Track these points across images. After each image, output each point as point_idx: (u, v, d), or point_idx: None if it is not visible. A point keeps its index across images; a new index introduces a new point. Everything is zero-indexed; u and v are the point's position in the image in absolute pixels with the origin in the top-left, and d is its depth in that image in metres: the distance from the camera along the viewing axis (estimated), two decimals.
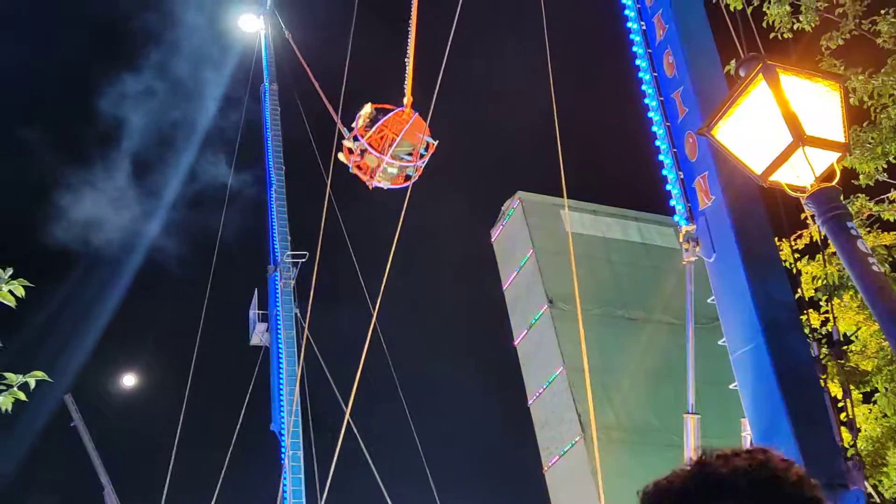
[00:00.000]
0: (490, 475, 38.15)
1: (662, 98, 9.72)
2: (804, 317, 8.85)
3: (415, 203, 16.18)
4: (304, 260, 25.30)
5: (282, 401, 24.28)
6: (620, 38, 10.77)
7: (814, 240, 11.74)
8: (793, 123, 5.19)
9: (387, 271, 15.92)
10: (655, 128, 9.77)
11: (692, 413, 8.95)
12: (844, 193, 9.44)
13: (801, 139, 5.16)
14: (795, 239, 12.06)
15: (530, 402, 26.19)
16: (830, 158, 5.28)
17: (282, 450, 23.73)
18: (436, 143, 15.85)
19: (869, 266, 4.95)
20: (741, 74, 5.65)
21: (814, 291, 12.17)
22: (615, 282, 26.77)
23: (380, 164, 15.64)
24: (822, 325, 11.76)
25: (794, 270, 11.84)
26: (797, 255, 12.08)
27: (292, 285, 25.92)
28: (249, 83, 30.22)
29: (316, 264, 21.09)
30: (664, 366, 22.61)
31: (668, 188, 9.46)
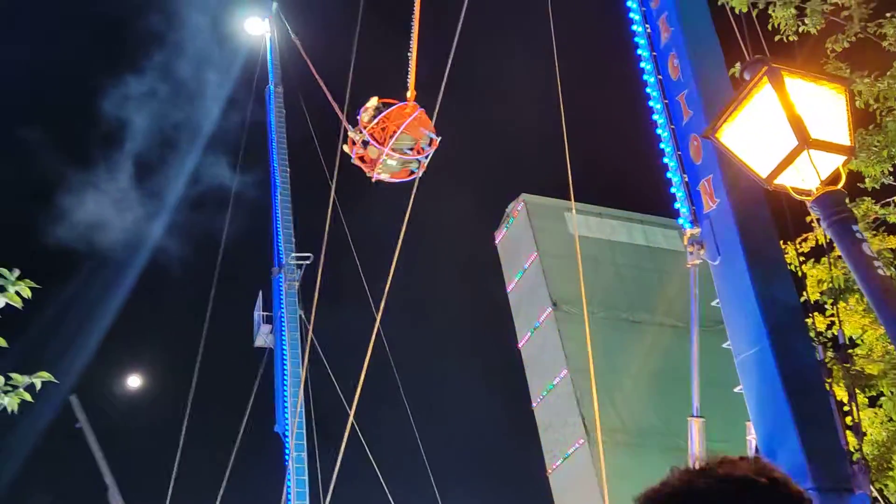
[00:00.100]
0: (493, 478, 38.11)
1: (667, 101, 9.71)
2: (809, 320, 8.83)
3: (419, 204, 16.18)
4: (309, 262, 25.35)
5: (286, 402, 24.29)
6: (625, 41, 10.78)
7: (819, 243, 11.72)
8: (798, 126, 5.18)
9: (391, 273, 15.93)
10: (660, 130, 9.76)
11: (697, 416, 8.93)
12: (850, 197, 9.42)
13: (807, 142, 5.15)
14: (801, 242, 12.04)
15: (534, 405, 26.17)
16: (836, 162, 5.27)
17: (286, 451, 23.75)
18: (439, 139, 15.83)
19: (874, 269, 4.94)
20: (746, 77, 5.64)
21: (819, 295, 12.15)
22: (619, 285, 26.74)
23: (380, 156, 15.63)
24: (828, 329, 11.74)
25: (800, 274, 11.83)
26: (802, 259, 12.07)
27: (297, 287, 25.95)
28: (255, 85, 30.33)
29: (320, 266, 21.11)
30: (668, 369, 22.58)
31: (673, 191, 9.44)
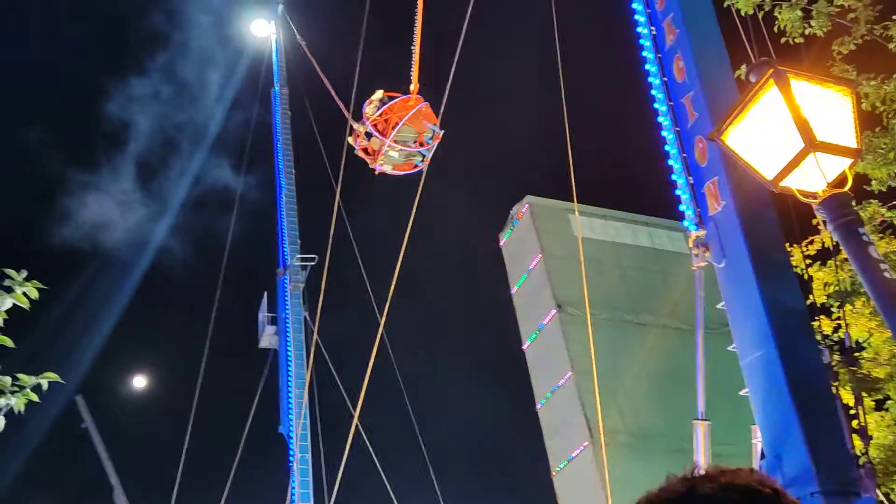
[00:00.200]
0: (498, 480, 38.11)
1: (672, 103, 9.70)
2: (816, 323, 8.80)
3: (425, 204, 16.20)
4: (314, 263, 25.35)
5: (290, 403, 24.32)
6: (630, 42, 10.77)
7: (825, 246, 11.68)
8: (804, 129, 5.16)
9: (396, 274, 15.94)
10: (665, 132, 9.75)
11: (702, 419, 8.90)
12: (856, 199, 9.36)
13: (813, 145, 5.13)
14: (807, 245, 12.00)
15: (538, 407, 26.15)
16: (842, 164, 5.24)
17: (290, 452, 23.78)
18: (441, 133, 15.82)
19: (881, 272, 4.91)
20: (752, 79, 5.62)
21: (826, 298, 12.10)
22: (624, 286, 26.70)
23: (382, 147, 15.62)
24: (834, 332, 11.69)
25: (806, 276, 11.78)
26: (809, 261, 12.02)
27: (301, 288, 25.97)
28: (260, 87, 30.37)
29: (325, 268, 21.11)
30: (672, 371, 22.52)
31: (678, 193, 9.42)
